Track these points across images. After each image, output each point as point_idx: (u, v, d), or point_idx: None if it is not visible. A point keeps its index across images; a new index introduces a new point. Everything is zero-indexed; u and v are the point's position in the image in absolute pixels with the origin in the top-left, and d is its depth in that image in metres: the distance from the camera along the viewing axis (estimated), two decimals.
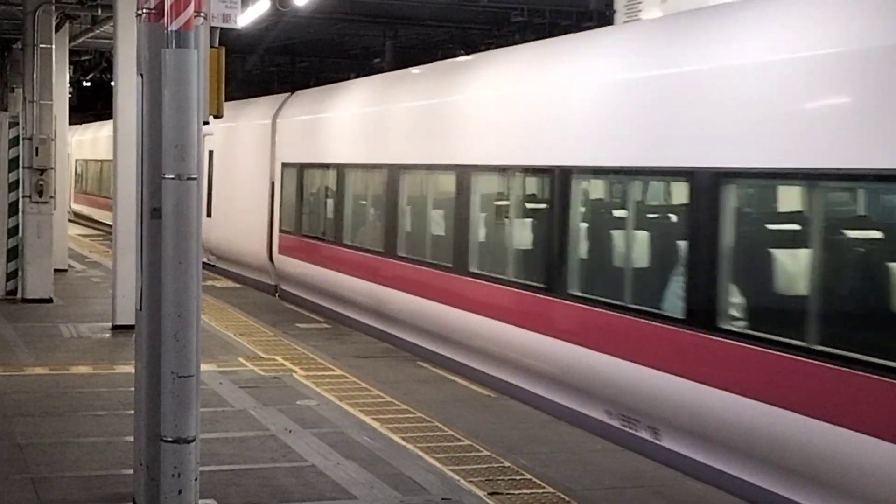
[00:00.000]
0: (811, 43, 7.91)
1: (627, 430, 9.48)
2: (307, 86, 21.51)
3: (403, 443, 9.00)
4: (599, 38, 11.58)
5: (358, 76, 19.16)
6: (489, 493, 7.73)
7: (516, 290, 11.32)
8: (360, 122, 16.15)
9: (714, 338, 8.35)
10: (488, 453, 8.75)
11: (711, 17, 9.31)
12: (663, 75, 9.45)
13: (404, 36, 24.93)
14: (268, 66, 31.74)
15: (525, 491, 7.81)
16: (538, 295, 10.86)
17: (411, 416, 9.97)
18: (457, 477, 8.09)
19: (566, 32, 16.53)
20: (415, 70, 16.09)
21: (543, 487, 7.89)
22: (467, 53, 16.16)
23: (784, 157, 7.91)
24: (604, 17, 19.47)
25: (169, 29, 6.44)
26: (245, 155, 21.19)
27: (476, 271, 12.18)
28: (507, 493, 7.75)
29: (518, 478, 8.11)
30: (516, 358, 11.28)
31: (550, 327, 10.58)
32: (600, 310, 9.85)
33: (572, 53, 11.56)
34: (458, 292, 12.42)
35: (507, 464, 8.46)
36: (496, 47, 14.14)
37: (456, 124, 13.05)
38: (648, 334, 9.15)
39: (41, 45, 17.17)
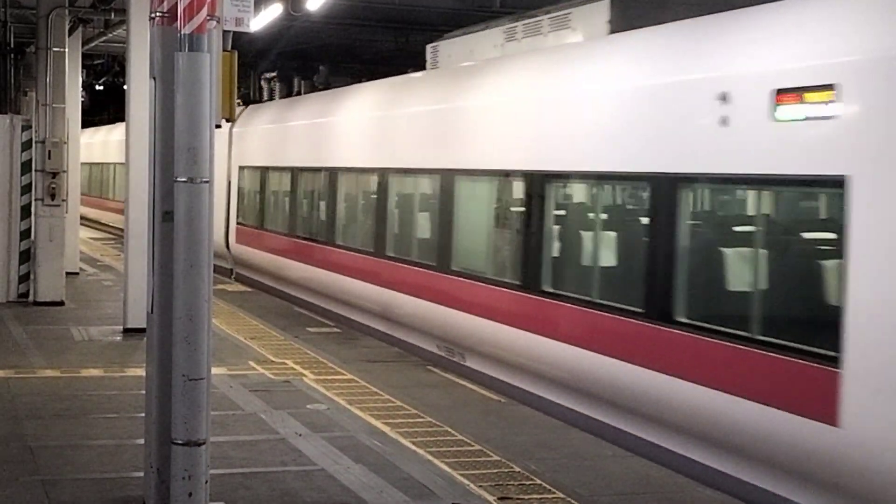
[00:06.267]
0: None
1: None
2: (315, 89, 23.02)
3: (413, 447, 9.00)
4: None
5: (371, 79, 19.36)
6: (499, 499, 7.73)
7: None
8: (287, 133, 20.09)
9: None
10: (498, 458, 8.74)
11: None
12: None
13: (416, 41, 24.93)
14: (279, 71, 31.74)
15: (535, 496, 7.80)
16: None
17: (421, 420, 9.97)
18: (466, 482, 8.08)
19: None
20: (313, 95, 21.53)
21: (553, 493, 7.89)
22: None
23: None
24: None
25: (182, 32, 6.46)
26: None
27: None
28: (517, 499, 7.75)
29: (528, 483, 8.11)
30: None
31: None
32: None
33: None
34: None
35: (516, 469, 8.46)
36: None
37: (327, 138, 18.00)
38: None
39: (54, 49, 17.22)
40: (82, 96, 24.83)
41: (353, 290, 16.05)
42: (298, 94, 23.71)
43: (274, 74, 24.76)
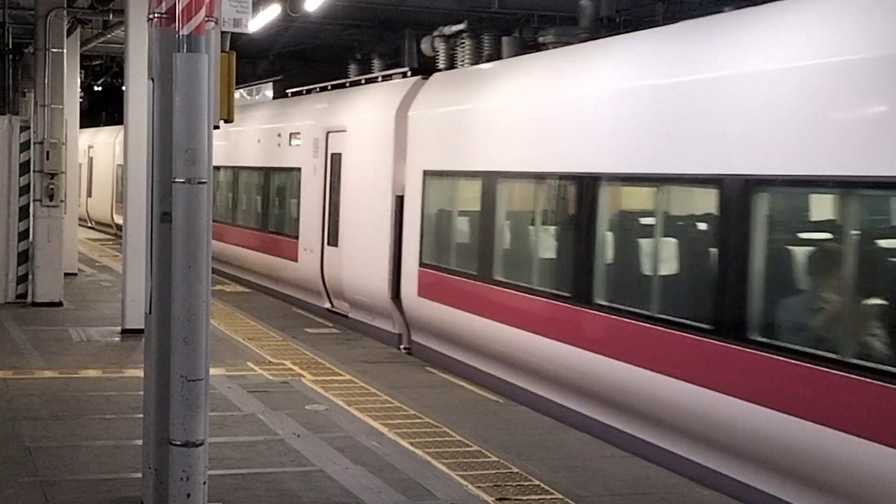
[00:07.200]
0: None
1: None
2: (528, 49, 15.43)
3: (412, 448, 9.01)
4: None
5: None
6: (497, 499, 7.73)
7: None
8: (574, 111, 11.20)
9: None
10: (496, 459, 8.75)
11: None
12: None
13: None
14: (278, 72, 31.78)
15: (533, 497, 7.81)
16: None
17: (419, 421, 9.97)
18: (465, 482, 8.09)
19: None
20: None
21: (552, 493, 7.89)
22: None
23: None
24: (614, 24, 19.39)
25: (180, 33, 6.46)
26: (364, 160, 16.34)
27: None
28: (516, 499, 7.75)
29: (526, 484, 8.11)
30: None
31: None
32: None
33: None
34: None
35: (515, 469, 8.46)
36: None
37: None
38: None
39: (52, 50, 17.23)
40: (81, 97, 24.84)
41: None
42: (494, 57, 14.73)
43: (462, 27, 15.95)
